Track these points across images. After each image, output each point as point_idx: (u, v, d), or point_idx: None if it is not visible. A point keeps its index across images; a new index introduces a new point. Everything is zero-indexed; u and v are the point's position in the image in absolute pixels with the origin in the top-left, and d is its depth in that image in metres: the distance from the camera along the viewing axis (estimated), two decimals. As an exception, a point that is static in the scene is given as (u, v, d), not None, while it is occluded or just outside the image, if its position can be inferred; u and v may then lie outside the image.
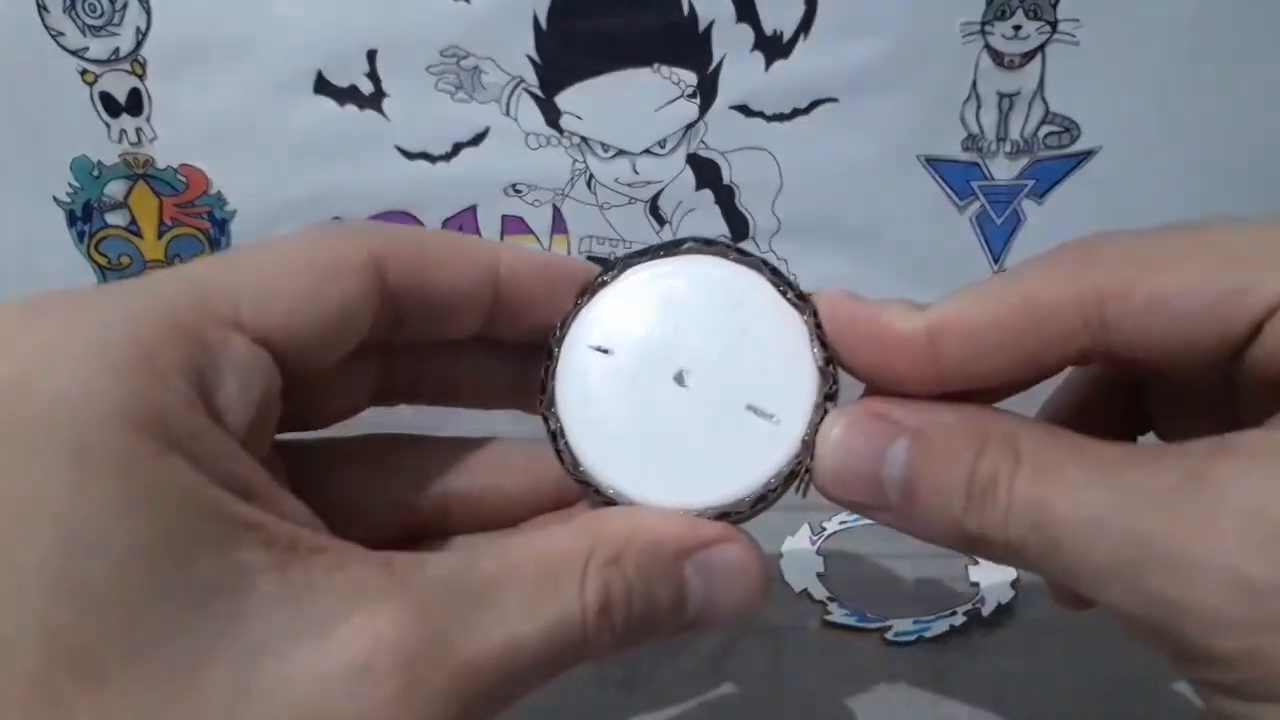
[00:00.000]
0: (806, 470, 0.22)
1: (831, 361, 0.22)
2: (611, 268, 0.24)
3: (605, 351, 0.23)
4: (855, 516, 0.36)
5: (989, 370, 0.21)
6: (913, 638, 0.32)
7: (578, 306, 0.23)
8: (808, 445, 0.22)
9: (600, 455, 0.22)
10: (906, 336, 0.21)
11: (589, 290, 0.23)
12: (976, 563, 0.34)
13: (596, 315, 0.23)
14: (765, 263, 0.23)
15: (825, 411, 0.22)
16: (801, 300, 0.23)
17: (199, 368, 0.19)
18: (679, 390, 0.22)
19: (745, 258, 0.23)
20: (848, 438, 0.21)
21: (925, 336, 0.21)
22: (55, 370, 0.17)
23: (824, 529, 0.36)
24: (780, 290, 0.23)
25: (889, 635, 0.32)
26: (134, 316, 0.19)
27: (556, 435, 0.23)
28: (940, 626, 0.32)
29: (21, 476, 0.17)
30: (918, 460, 0.20)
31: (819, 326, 0.22)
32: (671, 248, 0.23)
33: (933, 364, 0.21)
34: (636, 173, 0.42)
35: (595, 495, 0.22)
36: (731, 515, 0.22)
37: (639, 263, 0.23)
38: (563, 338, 0.23)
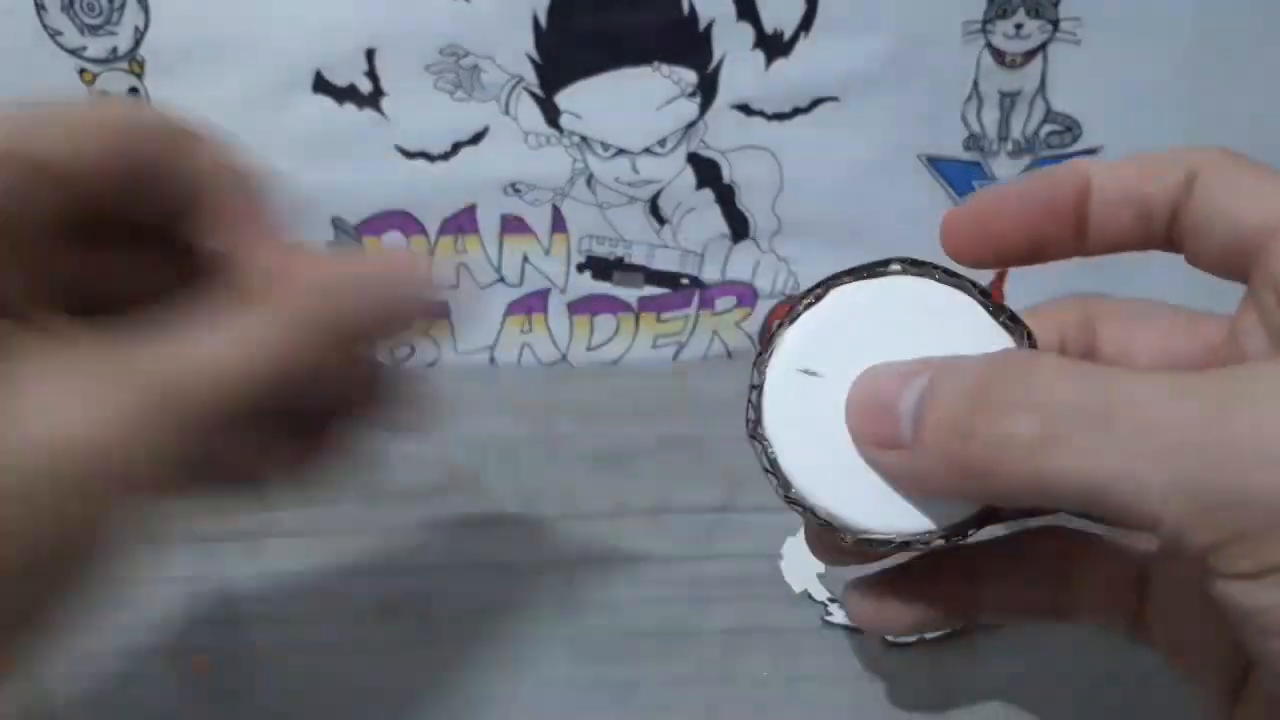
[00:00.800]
0: None
1: None
2: (816, 287, 0.23)
3: (813, 374, 0.23)
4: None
5: (1126, 207, 0.22)
6: (913, 638, 0.32)
7: (781, 327, 0.23)
8: None
9: (812, 478, 0.22)
10: (1069, 173, 0.23)
11: (793, 311, 0.23)
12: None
13: (803, 337, 0.23)
14: (975, 284, 0.23)
15: None
16: (1014, 323, 0.22)
17: None
18: None
19: (952, 278, 0.23)
20: (876, 376, 0.22)
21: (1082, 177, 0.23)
22: None
23: (824, 529, 0.36)
24: (990, 312, 0.22)
25: (890, 636, 0.32)
26: None
27: (771, 460, 0.22)
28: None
29: None
30: (931, 385, 0.20)
31: (1034, 347, 0.22)
32: (877, 268, 0.23)
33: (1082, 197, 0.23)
34: (636, 172, 0.42)
35: (811, 517, 0.22)
36: (950, 539, 0.21)
37: (844, 283, 0.23)
38: (768, 360, 0.23)
